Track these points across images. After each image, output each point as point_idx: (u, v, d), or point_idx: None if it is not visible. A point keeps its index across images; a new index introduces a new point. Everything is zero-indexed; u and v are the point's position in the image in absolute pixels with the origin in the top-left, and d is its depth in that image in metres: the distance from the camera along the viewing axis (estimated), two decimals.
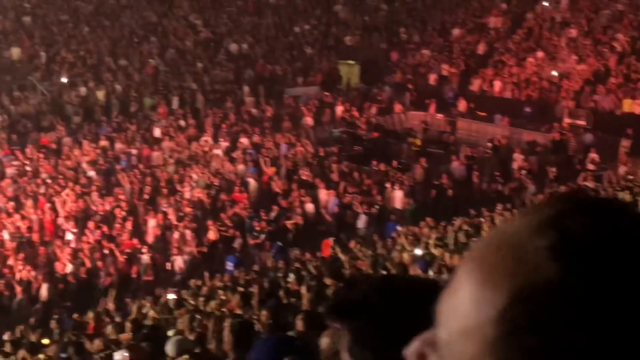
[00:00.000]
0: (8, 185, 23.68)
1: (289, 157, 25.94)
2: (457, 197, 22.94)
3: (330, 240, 18.36)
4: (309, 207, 22.45)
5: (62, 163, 25.51)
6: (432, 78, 32.72)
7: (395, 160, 25.62)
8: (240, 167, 25.37)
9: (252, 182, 24.34)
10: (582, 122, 27.05)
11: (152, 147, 27.15)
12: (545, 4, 34.74)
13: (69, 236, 21.35)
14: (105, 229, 21.19)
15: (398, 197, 22.85)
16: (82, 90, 32.03)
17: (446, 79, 32.40)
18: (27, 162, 25.56)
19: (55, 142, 27.74)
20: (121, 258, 19.82)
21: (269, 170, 24.83)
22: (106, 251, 20.18)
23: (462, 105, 30.29)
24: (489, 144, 26.40)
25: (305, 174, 24.40)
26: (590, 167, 23.74)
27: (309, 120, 30.60)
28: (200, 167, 25.11)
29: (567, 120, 27.35)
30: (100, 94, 31.73)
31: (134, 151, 26.76)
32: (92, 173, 24.72)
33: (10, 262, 19.87)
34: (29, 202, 22.43)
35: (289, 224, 21.94)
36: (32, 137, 28.44)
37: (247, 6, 40.49)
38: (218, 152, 26.48)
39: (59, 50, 34.77)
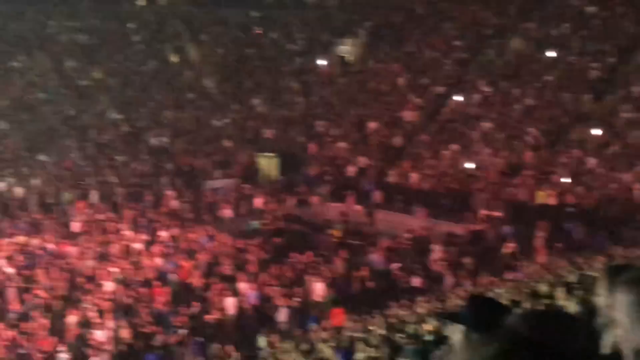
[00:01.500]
0: None
1: (208, 250, 25.99)
2: (377, 289, 23.26)
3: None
4: (230, 301, 22.46)
5: None
6: (350, 170, 33.35)
7: (314, 252, 25.85)
8: (159, 260, 25.30)
9: (171, 276, 24.27)
10: (498, 214, 27.74)
11: (70, 241, 26.92)
12: (459, 98, 35.89)
13: None
14: (22, 326, 20.83)
15: (319, 289, 23.04)
16: (0, 185, 31.76)
17: (364, 171, 33.06)
18: None
19: None
20: (39, 357, 19.48)
21: (188, 264, 24.81)
22: (23, 350, 19.82)
23: (379, 196, 30.86)
24: (408, 235, 26.85)
25: (225, 266, 24.46)
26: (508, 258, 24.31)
27: (227, 212, 30.78)
28: (120, 261, 24.96)
29: (483, 212, 28.04)
30: (18, 190, 31.49)
31: (51, 246, 26.49)
32: (10, 269, 24.36)
33: None
34: None
35: (209, 318, 21.92)
36: None
37: (167, 100, 40.89)
38: (137, 245, 26.39)
39: None
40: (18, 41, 44.15)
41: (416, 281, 23.89)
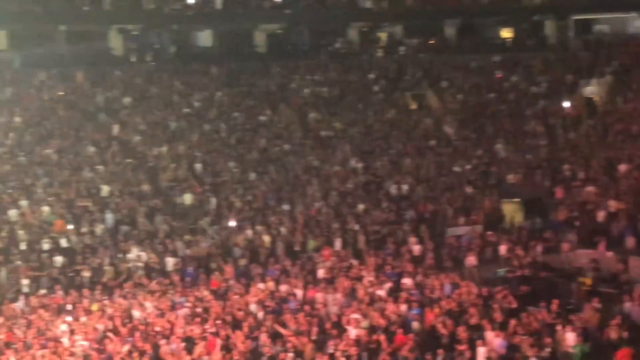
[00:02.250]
0: (180, 327, 24.36)
1: (453, 298, 25.60)
2: (632, 340, 21.92)
3: None
4: (480, 350, 21.91)
5: (230, 304, 26.12)
6: (600, 215, 31.89)
7: (564, 300, 24.82)
8: (403, 307, 25.20)
9: (415, 324, 24.10)
10: None
11: (316, 288, 27.43)
12: None
13: None
14: None
15: (569, 339, 22.04)
16: (249, 233, 33.02)
17: (615, 215, 31.50)
18: (198, 303, 26.35)
19: (224, 283, 28.55)
20: None
21: (433, 312, 24.52)
22: None
23: (632, 242, 29.29)
24: None
25: (471, 315, 23.96)
26: None
27: (471, 260, 30.28)
28: (364, 307, 25.09)
29: None
30: (266, 238, 32.62)
31: (299, 292, 27.12)
32: (260, 314, 25.14)
33: None
34: (201, 344, 22.96)
35: None
36: (202, 279, 29.44)
37: (406, 148, 41.14)
38: (381, 292, 26.46)
39: (227, 196, 36.16)
40: (265, 96, 46.17)
41: None
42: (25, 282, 30.03)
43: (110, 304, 27.23)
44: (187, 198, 36.00)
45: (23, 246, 31.89)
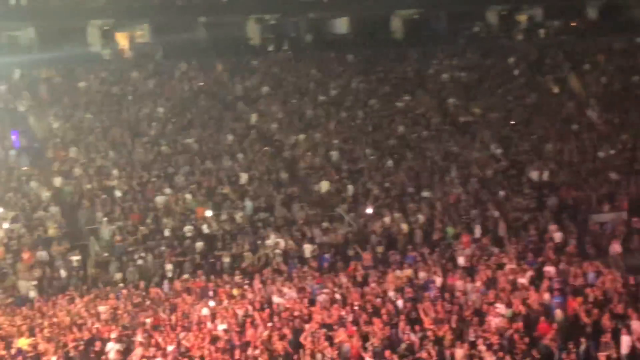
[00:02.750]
0: (318, 313, 24.48)
1: (597, 286, 24.78)
2: None
3: None
4: (624, 339, 21.13)
5: (368, 291, 26.08)
6: None
7: None
8: (546, 296, 24.56)
9: (558, 312, 23.45)
10: None
11: (456, 275, 27.06)
12: None
13: None
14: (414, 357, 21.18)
15: None
16: (386, 220, 32.89)
17: None
18: (336, 290, 26.42)
19: (362, 270, 28.55)
20: None
21: (576, 300, 23.82)
22: None
23: None
24: None
25: (615, 304, 23.14)
26: None
27: (616, 248, 29.26)
28: (505, 295, 24.58)
29: None
30: (404, 225, 32.41)
31: (438, 280, 26.82)
32: (399, 301, 24.99)
33: None
34: (340, 330, 23.00)
35: (601, 356, 20.81)
36: (340, 266, 29.53)
37: (548, 133, 40.10)
38: (523, 280, 25.87)
39: (364, 183, 36.12)
40: (402, 83, 45.85)
41: None
42: (169, 267, 30.90)
43: (250, 289, 27.65)
44: (324, 185, 36.15)
45: (167, 232, 32.77)
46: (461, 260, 28.77)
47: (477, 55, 48.85)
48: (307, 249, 31.53)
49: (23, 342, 24.43)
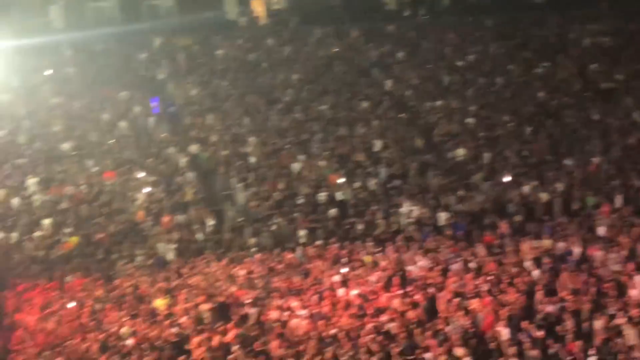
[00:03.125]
0: (452, 282, 24.10)
1: None
2: None
3: None
4: None
5: (504, 261, 25.47)
6: None
7: None
8: None
9: None
10: None
11: (595, 246, 26.09)
12: None
13: (505, 334, 20.93)
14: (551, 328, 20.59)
15: None
16: (524, 188, 32.03)
17: None
18: (471, 259, 25.94)
19: (498, 240, 27.91)
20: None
21: None
22: (552, 351, 19.58)
23: None
24: None
25: None
26: None
27: None
28: None
29: None
30: (543, 194, 31.49)
31: (576, 250, 25.93)
32: (535, 272, 24.30)
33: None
34: (475, 300, 22.56)
35: None
36: (475, 235, 28.96)
37: None
38: None
39: (502, 151, 35.26)
40: (542, 48, 44.46)
41: None
42: (302, 232, 31.04)
43: (383, 256, 27.46)
44: (460, 153, 35.49)
45: (301, 199, 32.92)
46: (601, 231, 27.70)
47: (621, 19, 46.81)
48: (442, 217, 31.06)
49: (160, 303, 25.07)
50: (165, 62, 43.21)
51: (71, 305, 25.62)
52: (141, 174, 34.93)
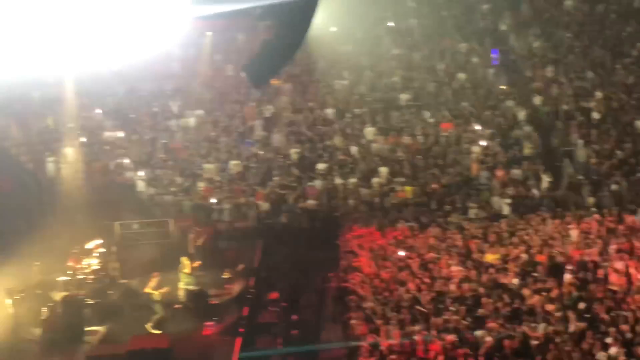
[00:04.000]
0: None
1: None
2: None
3: None
4: None
5: None
6: None
7: None
8: None
9: None
10: None
11: None
12: None
13: None
14: None
15: None
16: None
17: None
18: None
19: None
20: None
21: None
22: None
23: None
24: None
25: None
26: None
27: None
28: None
29: None
30: None
31: None
32: None
33: None
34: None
35: None
36: None
37: None
38: None
39: None
40: None
41: None
42: None
43: None
44: None
45: None
46: None
47: None
48: None
49: (491, 257, 24.61)
50: (508, 13, 42.20)
51: (402, 253, 25.85)
52: (478, 127, 34.51)
